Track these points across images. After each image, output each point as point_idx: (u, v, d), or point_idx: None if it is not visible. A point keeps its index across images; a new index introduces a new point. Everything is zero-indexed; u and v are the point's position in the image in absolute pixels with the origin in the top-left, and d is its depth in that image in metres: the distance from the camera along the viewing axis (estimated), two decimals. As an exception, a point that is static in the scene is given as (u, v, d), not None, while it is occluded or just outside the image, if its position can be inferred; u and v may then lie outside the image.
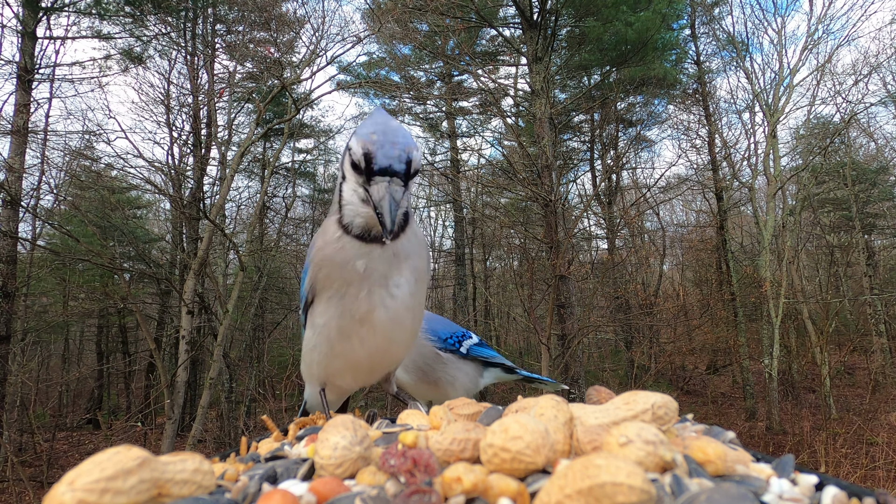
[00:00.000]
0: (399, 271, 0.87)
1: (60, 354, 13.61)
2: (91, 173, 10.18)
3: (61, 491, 0.39)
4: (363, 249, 0.84)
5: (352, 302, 0.86)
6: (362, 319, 0.87)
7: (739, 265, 12.05)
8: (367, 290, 0.85)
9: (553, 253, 7.78)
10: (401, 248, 0.86)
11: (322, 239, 0.89)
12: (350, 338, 0.89)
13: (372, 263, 0.85)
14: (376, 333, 0.88)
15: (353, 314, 0.87)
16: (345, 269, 0.85)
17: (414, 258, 0.89)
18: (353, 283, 0.85)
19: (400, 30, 8.99)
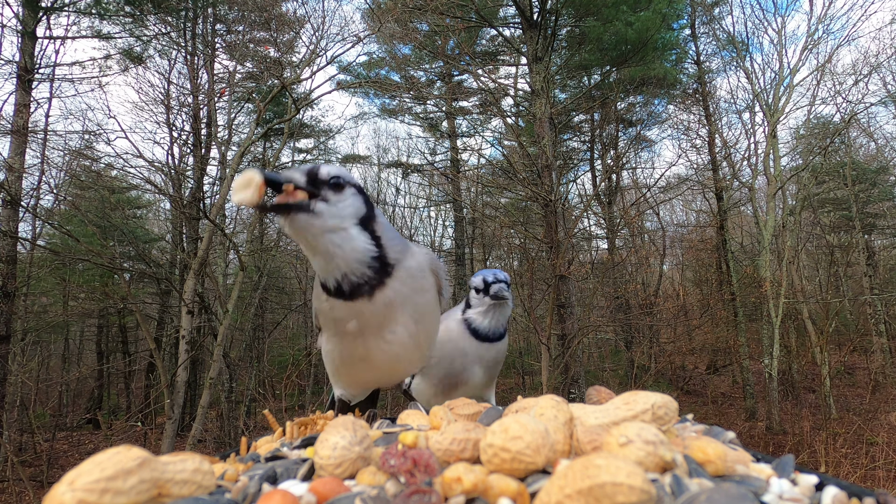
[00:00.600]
0: (394, 320, 0.86)
1: (60, 354, 13.60)
2: (91, 173, 10.17)
3: (61, 491, 0.39)
4: (353, 308, 0.83)
5: (349, 345, 0.88)
6: (361, 358, 0.89)
7: (739, 265, 12.05)
8: (361, 339, 0.87)
9: (553, 253, 7.78)
10: (393, 297, 0.84)
11: (314, 291, 0.90)
12: (352, 366, 0.93)
13: (364, 320, 0.84)
14: (376, 368, 0.91)
15: (352, 355, 0.90)
16: (338, 325, 0.87)
17: (413, 300, 0.87)
18: (348, 334, 0.87)
19: (400, 30, 8.99)
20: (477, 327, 1.39)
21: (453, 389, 1.39)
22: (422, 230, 17.46)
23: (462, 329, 1.39)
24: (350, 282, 0.82)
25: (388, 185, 17.73)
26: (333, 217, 0.79)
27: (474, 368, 1.38)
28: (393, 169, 16.69)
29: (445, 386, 1.41)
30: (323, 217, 0.78)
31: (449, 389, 1.40)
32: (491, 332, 1.38)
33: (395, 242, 0.87)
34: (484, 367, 1.38)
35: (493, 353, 1.37)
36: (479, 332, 1.38)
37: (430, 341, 0.96)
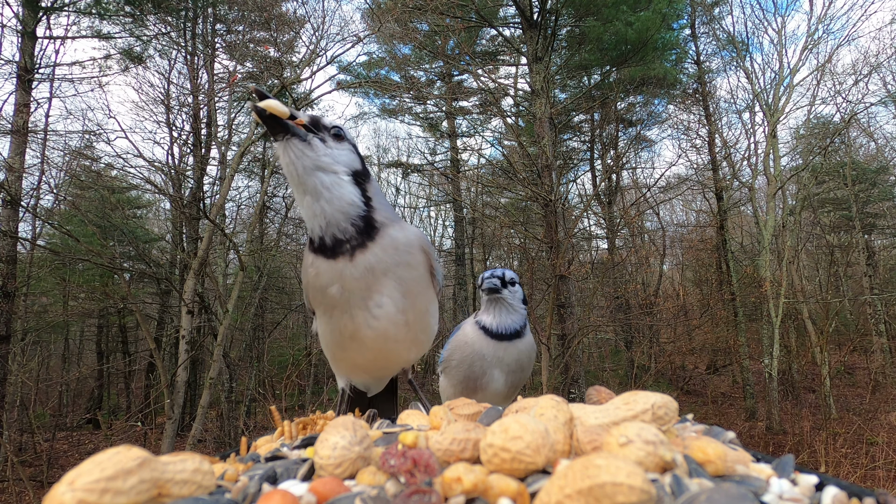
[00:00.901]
0: (378, 289, 0.84)
1: (60, 354, 13.60)
2: (91, 173, 10.17)
3: (61, 491, 0.39)
4: (334, 269, 0.83)
5: (338, 322, 0.87)
6: (352, 337, 0.88)
7: (739, 265, 12.05)
8: (349, 314, 0.85)
9: (553, 253, 7.78)
10: (375, 262, 0.83)
11: (303, 264, 0.90)
12: (346, 349, 0.91)
13: (346, 285, 0.83)
14: (368, 348, 0.89)
15: (342, 332, 0.88)
16: (324, 294, 0.86)
17: (398, 270, 0.85)
18: (335, 306, 0.86)
19: (400, 30, 8.98)
20: (485, 325, 1.40)
21: (473, 394, 1.39)
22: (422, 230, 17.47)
23: (476, 330, 1.41)
24: (332, 235, 0.82)
25: (388, 185, 17.75)
26: (327, 156, 0.82)
27: (494, 373, 1.37)
28: (393, 169, 16.71)
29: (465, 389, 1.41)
30: (317, 151, 0.81)
31: (469, 393, 1.40)
32: (498, 329, 1.37)
33: (385, 209, 0.88)
34: (505, 371, 1.37)
35: (512, 354, 1.36)
36: (489, 331, 1.38)
37: (422, 323, 0.93)
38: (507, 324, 1.38)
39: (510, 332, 1.37)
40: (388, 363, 0.96)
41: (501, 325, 1.37)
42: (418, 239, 0.91)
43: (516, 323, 1.39)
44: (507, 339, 1.37)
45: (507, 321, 1.38)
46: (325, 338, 0.93)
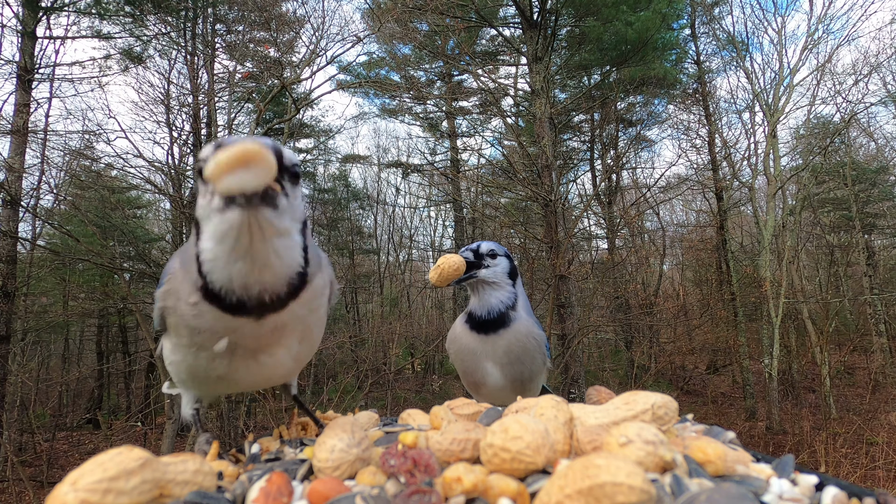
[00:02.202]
0: (278, 343, 0.67)
1: (60, 354, 13.60)
2: (91, 173, 10.17)
3: (64, 491, 0.40)
4: (229, 325, 0.62)
5: (203, 363, 0.67)
6: (219, 378, 0.69)
7: (739, 265, 12.05)
8: (226, 361, 0.66)
9: (553, 253, 7.78)
10: (288, 320, 0.65)
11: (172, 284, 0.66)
12: (206, 382, 0.72)
13: (239, 341, 0.64)
14: (239, 385, 0.72)
15: (209, 373, 0.68)
16: (199, 337, 0.65)
17: (306, 320, 0.68)
18: (206, 349, 0.65)
19: (400, 30, 8.99)
20: (471, 312, 1.25)
21: (476, 388, 1.29)
22: (422, 230, 17.46)
23: (462, 322, 1.29)
24: (258, 299, 0.61)
25: (388, 185, 17.74)
26: (288, 215, 0.59)
27: (486, 366, 1.23)
28: (393, 169, 16.71)
29: (468, 384, 1.30)
30: (279, 214, 0.58)
31: (473, 388, 1.30)
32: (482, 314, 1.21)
33: (314, 253, 0.67)
34: (498, 364, 1.22)
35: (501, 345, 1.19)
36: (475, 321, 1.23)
37: (312, 353, 0.78)
38: (491, 305, 1.21)
39: (495, 314, 1.20)
40: (264, 387, 0.81)
41: (484, 308, 1.21)
42: (329, 273, 0.73)
43: (502, 303, 1.20)
44: (493, 327, 1.20)
45: (492, 301, 1.21)
46: (178, 368, 0.72)
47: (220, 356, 0.65)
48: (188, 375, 0.72)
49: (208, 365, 0.67)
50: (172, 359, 0.73)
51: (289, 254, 0.61)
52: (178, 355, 0.71)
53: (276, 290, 0.61)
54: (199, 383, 0.74)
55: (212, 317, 0.62)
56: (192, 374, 0.71)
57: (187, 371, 0.71)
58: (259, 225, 0.56)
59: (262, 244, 0.58)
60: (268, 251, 0.59)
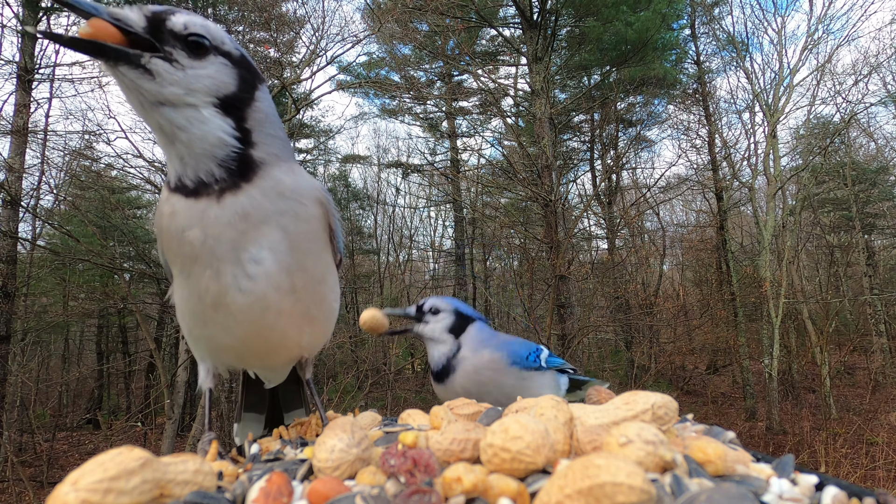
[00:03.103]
0: (257, 240, 0.65)
1: (60, 354, 13.61)
2: (91, 173, 10.17)
3: (65, 491, 0.40)
4: (194, 209, 0.64)
5: (197, 282, 0.67)
6: (214, 305, 0.67)
7: (739, 265, 12.06)
8: (212, 269, 0.65)
9: (553, 253, 7.78)
10: (249, 207, 0.64)
11: (158, 204, 0.70)
12: (207, 324, 0.70)
13: (210, 230, 0.64)
14: (238, 322, 0.68)
15: (202, 297, 0.67)
16: (181, 241, 0.65)
17: (282, 219, 0.67)
18: (196, 258, 0.65)
19: (400, 30, 8.99)
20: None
21: None
22: (422, 230, 17.46)
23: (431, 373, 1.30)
24: (194, 177, 0.63)
25: (388, 185, 17.74)
26: (175, 85, 0.60)
27: None
28: (393, 169, 16.71)
29: None
30: (158, 82, 0.59)
31: None
32: (433, 367, 1.24)
33: (272, 145, 0.68)
34: None
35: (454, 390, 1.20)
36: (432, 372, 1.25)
37: (316, 293, 0.73)
38: (434, 358, 1.25)
39: (440, 367, 1.23)
40: (269, 346, 0.73)
41: (432, 360, 1.25)
42: (312, 188, 0.72)
43: (443, 355, 1.23)
44: (443, 377, 1.23)
45: (434, 354, 1.25)
46: (182, 307, 0.71)
47: (206, 265, 0.65)
48: (190, 313, 0.70)
49: (202, 283, 0.66)
50: (177, 300, 0.72)
51: (197, 127, 0.62)
52: (179, 290, 0.70)
53: (203, 166, 0.63)
54: (202, 323, 0.70)
55: (179, 206, 0.64)
56: (192, 311, 0.70)
57: (188, 305, 0.70)
58: (125, 84, 0.60)
59: (145, 110, 0.61)
60: (160, 121, 0.61)
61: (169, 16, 0.60)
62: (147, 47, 0.59)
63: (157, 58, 0.59)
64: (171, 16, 0.60)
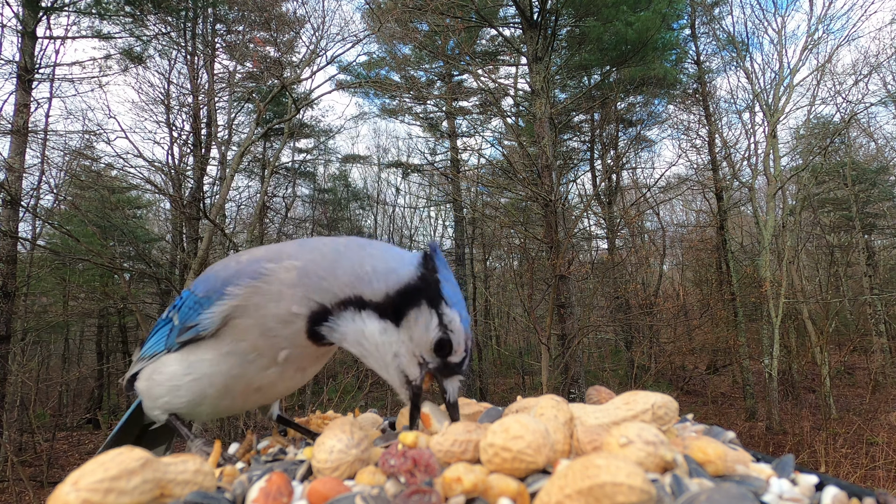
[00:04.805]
0: (310, 367, 0.76)
1: (60, 354, 13.60)
2: (91, 173, 10.18)
3: (65, 491, 0.40)
4: (305, 342, 0.68)
5: (256, 372, 0.70)
6: (260, 388, 0.72)
7: (739, 265, 12.05)
8: (279, 370, 0.70)
9: (553, 253, 7.78)
10: (327, 353, 0.75)
11: (271, 285, 0.66)
12: (234, 398, 0.73)
13: (294, 356, 0.70)
14: (265, 397, 0.76)
15: (251, 383, 0.71)
16: (267, 341, 0.67)
17: (326, 358, 0.79)
18: (267, 356, 0.69)
19: (400, 30, 8.98)
20: None
21: None
22: (422, 230, 17.46)
23: None
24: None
25: (388, 185, 17.74)
26: None
27: None
28: (393, 169, 16.71)
29: None
30: None
31: None
32: None
33: None
34: None
35: None
36: None
37: None
38: None
39: None
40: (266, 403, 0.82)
41: None
42: None
43: None
44: None
45: None
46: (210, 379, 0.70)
47: (273, 366, 0.69)
48: (217, 390, 0.70)
49: (255, 374, 0.70)
50: (210, 371, 0.70)
51: None
52: (222, 365, 0.69)
53: None
54: (227, 397, 0.72)
55: (293, 327, 0.66)
56: (224, 389, 0.70)
57: (222, 384, 0.70)
58: None
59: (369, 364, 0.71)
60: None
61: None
62: None
63: None
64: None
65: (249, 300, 0.66)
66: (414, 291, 0.64)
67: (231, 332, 0.68)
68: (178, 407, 0.74)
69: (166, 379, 0.73)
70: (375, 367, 0.67)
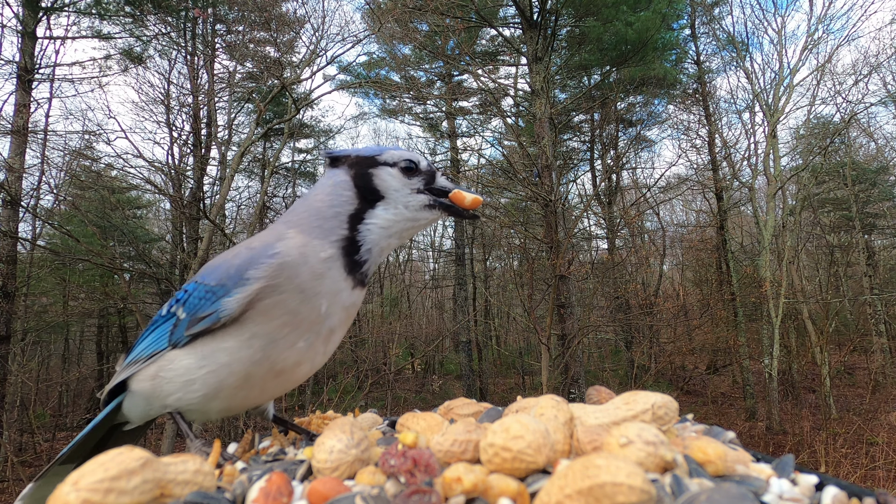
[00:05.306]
0: (342, 328, 0.76)
1: (60, 354, 13.61)
2: (91, 173, 10.17)
3: (66, 491, 0.40)
4: (337, 286, 0.71)
5: (282, 351, 0.69)
6: (281, 371, 0.70)
7: (739, 265, 12.05)
8: (309, 341, 0.70)
9: (553, 253, 7.78)
10: (357, 304, 0.76)
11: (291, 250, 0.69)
12: (252, 387, 0.71)
13: (333, 308, 0.71)
14: (285, 385, 0.74)
15: (275, 365, 0.69)
16: (305, 304, 0.68)
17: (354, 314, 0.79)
18: (300, 326, 0.69)
19: (400, 30, 8.99)
20: None
21: None
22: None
23: None
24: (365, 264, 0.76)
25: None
26: None
27: None
28: (393, 169, 16.65)
29: None
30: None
31: None
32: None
33: None
34: None
35: None
36: None
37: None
38: None
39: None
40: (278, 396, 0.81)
41: None
42: None
43: None
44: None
45: None
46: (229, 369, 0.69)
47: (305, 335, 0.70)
48: (237, 379, 0.69)
49: (282, 353, 0.69)
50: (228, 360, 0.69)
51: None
52: (245, 351, 0.68)
53: (378, 262, 0.79)
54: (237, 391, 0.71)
55: (333, 273, 0.71)
56: (245, 377, 0.69)
57: (243, 372, 0.69)
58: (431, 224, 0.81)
59: (412, 235, 0.80)
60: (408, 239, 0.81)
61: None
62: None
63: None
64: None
65: (278, 277, 0.68)
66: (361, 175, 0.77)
67: (258, 315, 0.68)
68: (189, 403, 0.72)
69: (178, 374, 0.71)
70: (403, 226, 0.78)
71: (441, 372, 15.33)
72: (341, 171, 0.78)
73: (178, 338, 0.72)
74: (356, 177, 0.77)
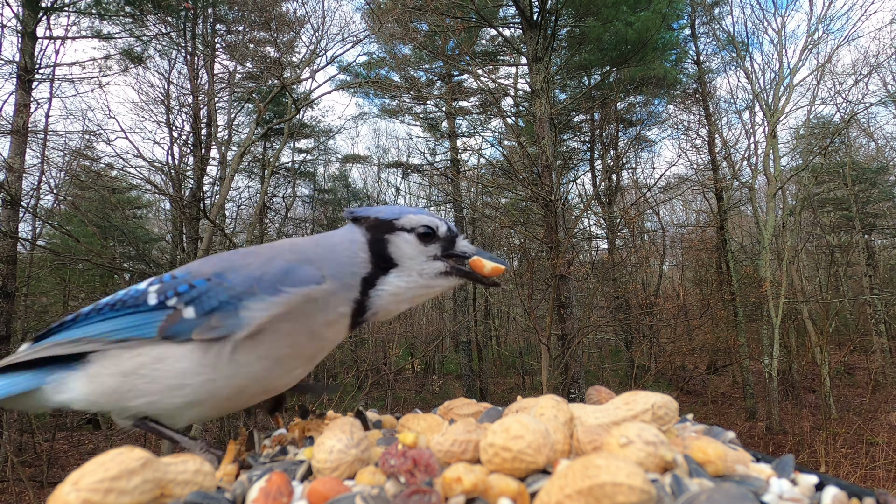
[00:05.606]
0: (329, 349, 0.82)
1: (60, 354, 13.59)
2: (91, 173, 10.17)
3: (66, 491, 0.40)
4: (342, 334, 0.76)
5: (282, 375, 0.72)
6: (272, 389, 0.74)
7: (739, 265, 12.06)
8: (300, 368, 0.75)
9: (553, 253, 7.78)
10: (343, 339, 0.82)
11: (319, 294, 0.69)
12: (238, 399, 0.72)
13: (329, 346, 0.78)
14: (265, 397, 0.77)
15: (270, 384, 0.72)
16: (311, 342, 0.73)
17: None
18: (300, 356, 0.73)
19: (400, 30, 8.99)
20: None
21: None
22: (422, 230, 17.48)
23: None
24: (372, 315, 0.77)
25: (388, 185, 17.75)
26: None
27: None
28: (393, 169, 16.71)
29: None
30: None
31: None
32: None
33: None
34: None
35: None
36: None
37: None
38: None
39: None
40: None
41: None
42: None
43: None
44: None
45: None
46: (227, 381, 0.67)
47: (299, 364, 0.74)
48: (231, 391, 0.68)
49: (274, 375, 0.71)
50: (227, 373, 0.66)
51: None
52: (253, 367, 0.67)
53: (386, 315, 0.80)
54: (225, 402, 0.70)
55: (340, 327, 0.75)
56: (239, 391, 0.69)
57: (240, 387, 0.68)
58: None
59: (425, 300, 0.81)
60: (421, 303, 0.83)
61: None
62: None
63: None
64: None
65: (301, 307, 0.68)
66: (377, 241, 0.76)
67: (271, 336, 0.67)
68: (163, 409, 0.66)
69: (167, 376, 0.64)
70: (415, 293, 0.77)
71: (441, 372, 15.34)
72: (360, 232, 0.77)
73: (179, 334, 0.66)
74: (372, 242, 0.76)
